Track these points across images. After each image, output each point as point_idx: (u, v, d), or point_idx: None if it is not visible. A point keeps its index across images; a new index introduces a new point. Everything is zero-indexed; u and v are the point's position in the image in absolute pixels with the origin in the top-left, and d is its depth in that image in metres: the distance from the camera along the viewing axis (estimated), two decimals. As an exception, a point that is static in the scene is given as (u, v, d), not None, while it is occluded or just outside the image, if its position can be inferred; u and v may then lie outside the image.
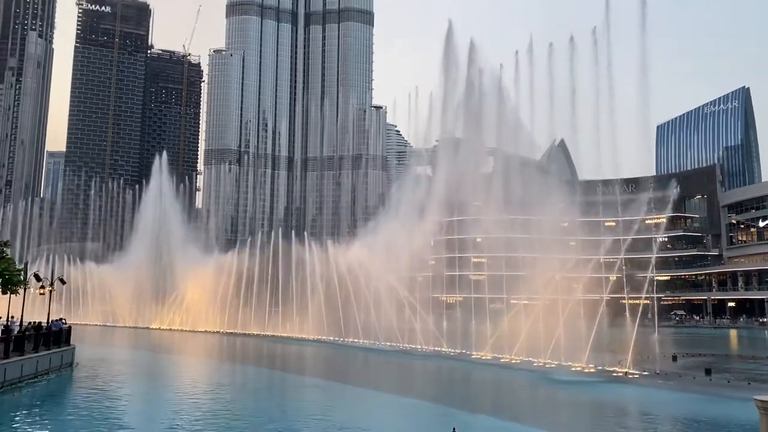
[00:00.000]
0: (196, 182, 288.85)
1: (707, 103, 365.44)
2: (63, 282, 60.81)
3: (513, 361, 57.05)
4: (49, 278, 57.22)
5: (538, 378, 49.16)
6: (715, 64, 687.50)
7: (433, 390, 45.87)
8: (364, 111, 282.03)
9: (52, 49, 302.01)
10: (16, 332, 42.99)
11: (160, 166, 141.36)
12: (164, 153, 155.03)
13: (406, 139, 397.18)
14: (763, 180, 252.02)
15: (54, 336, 48.08)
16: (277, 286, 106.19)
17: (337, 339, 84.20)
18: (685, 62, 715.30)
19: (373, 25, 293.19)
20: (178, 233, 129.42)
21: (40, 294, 54.64)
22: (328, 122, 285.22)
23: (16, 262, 54.91)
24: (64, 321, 54.55)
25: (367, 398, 41.36)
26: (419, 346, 70.15)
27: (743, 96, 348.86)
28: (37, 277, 53.95)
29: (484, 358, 60.28)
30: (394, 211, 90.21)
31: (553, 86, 63.63)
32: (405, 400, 40.26)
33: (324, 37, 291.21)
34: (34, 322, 50.61)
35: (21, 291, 50.05)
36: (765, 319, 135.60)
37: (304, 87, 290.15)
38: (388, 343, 73.57)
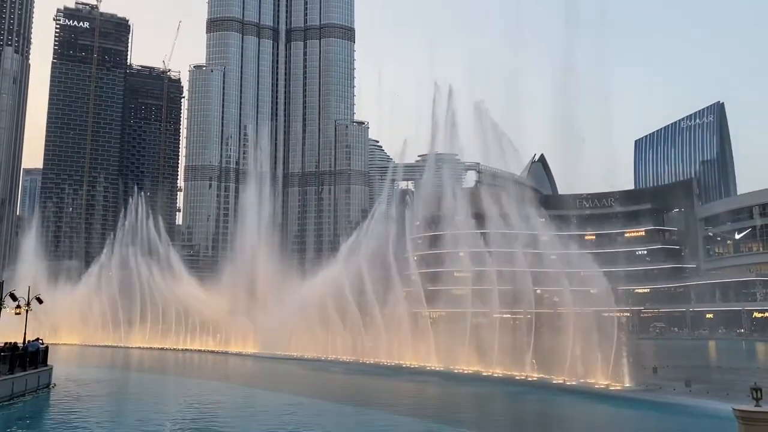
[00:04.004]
0: (176, 199, 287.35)
1: (683, 118, 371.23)
2: (40, 301, 59.75)
3: (494, 375, 57.15)
4: (26, 297, 56.28)
5: (518, 392, 49.28)
6: (690, 79, 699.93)
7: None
8: (346, 126, 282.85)
9: (29, 64, 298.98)
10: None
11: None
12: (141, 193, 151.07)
13: (388, 154, 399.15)
14: (738, 193, 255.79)
15: (30, 356, 47.20)
16: None
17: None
18: (661, 76, 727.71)
19: (354, 41, 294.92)
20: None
21: (16, 314, 53.71)
22: (309, 138, 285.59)
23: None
24: (41, 341, 53.59)
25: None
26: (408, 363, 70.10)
27: (718, 111, 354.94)
28: (13, 297, 53.06)
29: (465, 372, 60.35)
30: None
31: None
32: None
33: (305, 53, 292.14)
34: (10, 343, 49.70)
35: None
36: (742, 330, 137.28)
37: (285, 103, 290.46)
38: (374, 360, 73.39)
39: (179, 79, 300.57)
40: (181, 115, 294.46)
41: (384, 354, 72.34)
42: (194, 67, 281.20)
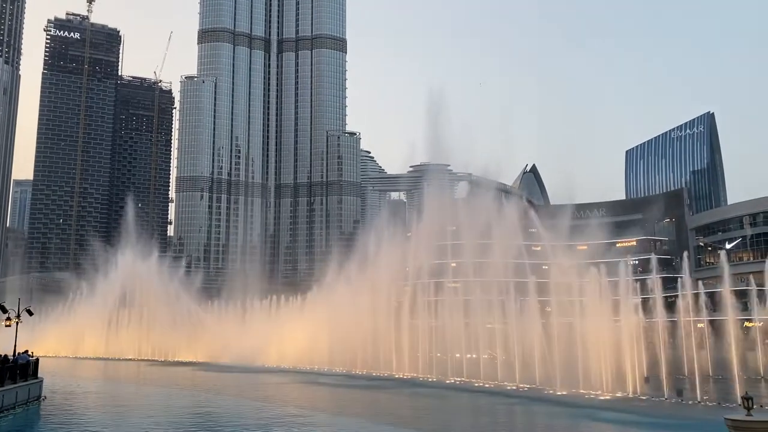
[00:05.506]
0: (168, 210, 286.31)
1: (674, 128, 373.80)
2: (30, 313, 59.36)
3: (486, 386, 57.09)
4: (17, 309, 55.91)
5: (507, 403, 49.12)
6: (681, 89, 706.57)
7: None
8: (338, 137, 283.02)
9: (19, 75, 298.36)
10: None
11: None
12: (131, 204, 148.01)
13: (380, 165, 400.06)
14: (728, 203, 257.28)
15: (20, 369, 46.80)
16: None
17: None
18: (652, 86, 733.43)
19: (346, 52, 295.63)
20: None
21: (6, 326, 53.33)
22: (301, 148, 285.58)
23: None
24: (30, 353, 53.20)
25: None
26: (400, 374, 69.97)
27: (708, 121, 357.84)
28: (3, 309, 52.70)
29: (456, 383, 60.31)
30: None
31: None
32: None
33: (297, 64, 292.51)
34: None
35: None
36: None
37: (277, 113, 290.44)
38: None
39: (170, 90, 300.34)
40: (173, 126, 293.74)
41: (379, 366, 72.20)
42: (185, 77, 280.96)
